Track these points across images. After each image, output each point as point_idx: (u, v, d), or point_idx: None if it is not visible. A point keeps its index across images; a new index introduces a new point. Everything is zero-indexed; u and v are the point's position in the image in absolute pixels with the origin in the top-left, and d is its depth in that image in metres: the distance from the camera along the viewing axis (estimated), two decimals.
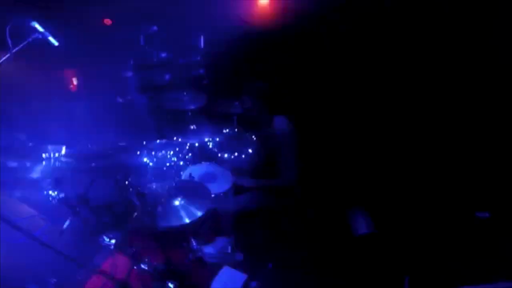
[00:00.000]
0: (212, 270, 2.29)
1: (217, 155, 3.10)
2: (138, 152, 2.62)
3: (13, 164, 1.20)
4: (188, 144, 2.83)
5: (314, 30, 3.67)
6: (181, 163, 2.64)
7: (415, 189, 3.09)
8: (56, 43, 1.55)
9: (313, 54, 4.01)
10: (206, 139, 2.93)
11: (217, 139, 3.28)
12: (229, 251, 2.34)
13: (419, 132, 3.09)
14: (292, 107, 2.29)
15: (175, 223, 1.66)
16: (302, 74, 4.15)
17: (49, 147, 1.36)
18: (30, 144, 1.38)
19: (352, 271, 2.37)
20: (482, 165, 2.35)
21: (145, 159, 2.59)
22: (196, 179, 2.29)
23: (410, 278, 1.79)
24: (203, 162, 2.75)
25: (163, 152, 2.79)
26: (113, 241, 1.59)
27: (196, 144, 3.00)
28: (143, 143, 2.84)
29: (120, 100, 4.72)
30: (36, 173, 1.16)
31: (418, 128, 3.10)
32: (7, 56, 1.40)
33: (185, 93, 3.11)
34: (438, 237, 1.91)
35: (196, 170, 2.49)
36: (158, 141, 2.85)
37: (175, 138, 2.80)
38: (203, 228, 2.33)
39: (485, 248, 1.62)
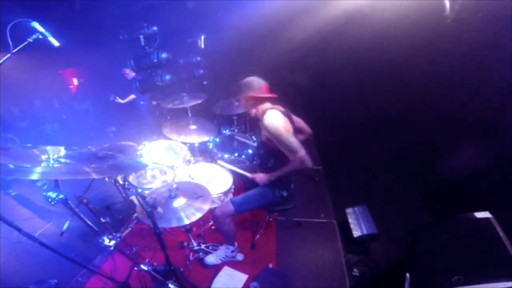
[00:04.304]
0: (213, 270, 2.29)
1: (217, 155, 3.10)
2: (139, 153, 2.62)
3: (12, 165, 1.20)
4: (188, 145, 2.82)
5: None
6: (181, 163, 2.64)
7: (416, 188, 3.09)
8: (56, 43, 1.54)
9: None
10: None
11: (217, 139, 3.29)
12: (230, 254, 2.34)
13: (419, 132, 3.09)
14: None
15: (175, 224, 1.65)
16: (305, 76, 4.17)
17: (48, 148, 1.35)
18: (29, 145, 1.38)
19: (352, 270, 2.37)
20: (482, 165, 2.35)
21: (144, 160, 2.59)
22: (196, 179, 2.29)
23: (411, 277, 1.79)
24: (203, 163, 2.75)
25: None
26: (113, 242, 1.58)
27: (196, 145, 3.00)
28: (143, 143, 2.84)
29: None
30: (35, 175, 1.16)
31: (418, 129, 3.10)
32: (7, 56, 1.39)
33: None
34: (438, 237, 1.91)
35: (196, 171, 2.49)
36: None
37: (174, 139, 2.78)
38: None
39: (485, 248, 1.62)
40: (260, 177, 2.15)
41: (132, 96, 4.72)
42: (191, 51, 4.31)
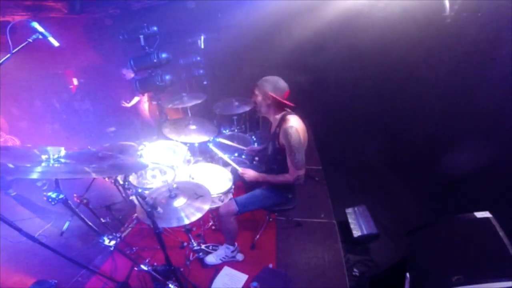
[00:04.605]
0: (213, 270, 2.30)
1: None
2: (139, 153, 2.62)
3: (12, 165, 1.20)
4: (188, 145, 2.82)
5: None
6: (181, 163, 2.64)
7: (416, 188, 3.09)
8: (56, 44, 1.54)
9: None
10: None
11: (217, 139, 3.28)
12: (230, 254, 2.34)
13: (420, 132, 3.09)
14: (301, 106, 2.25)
15: (175, 224, 1.65)
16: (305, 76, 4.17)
17: (48, 148, 1.35)
18: (29, 145, 1.38)
19: (352, 270, 2.37)
20: (482, 164, 2.35)
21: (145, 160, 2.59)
22: (195, 179, 2.29)
23: (411, 277, 1.79)
24: (202, 163, 2.75)
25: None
26: (113, 242, 1.58)
27: (196, 145, 3.00)
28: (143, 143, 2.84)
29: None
30: (35, 174, 1.16)
31: (419, 128, 3.10)
32: (7, 56, 1.39)
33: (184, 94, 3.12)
34: (438, 237, 1.91)
35: (196, 171, 2.49)
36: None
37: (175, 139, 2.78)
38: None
39: (485, 248, 1.62)
40: (250, 174, 2.14)
41: (137, 98, 4.69)
42: (191, 51, 4.31)
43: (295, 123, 1.92)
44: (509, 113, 2.20)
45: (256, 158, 2.81)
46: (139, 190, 2.13)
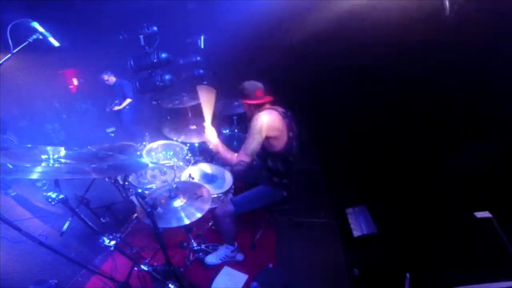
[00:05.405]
0: (213, 270, 2.30)
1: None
2: (139, 153, 2.62)
3: (11, 165, 1.20)
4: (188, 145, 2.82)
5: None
6: (181, 163, 2.64)
7: (416, 188, 3.09)
8: (56, 44, 1.55)
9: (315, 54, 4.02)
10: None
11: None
12: (230, 254, 2.34)
13: (420, 132, 3.09)
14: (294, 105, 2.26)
15: (175, 224, 1.66)
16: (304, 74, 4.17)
17: (48, 148, 1.35)
18: (29, 145, 1.38)
19: (352, 270, 2.37)
20: (483, 165, 2.35)
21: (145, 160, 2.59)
22: (195, 179, 2.29)
23: (411, 277, 1.79)
24: (203, 163, 2.75)
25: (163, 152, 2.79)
26: (113, 242, 1.58)
27: (196, 145, 3.00)
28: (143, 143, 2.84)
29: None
30: (35, 174, 1.16)
31: (419, 128, 3.10)
32: (7, 56, 1.40)
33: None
34: (438, 237, 1.91)
35: (196, 171, 2.49)
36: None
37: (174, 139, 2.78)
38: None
39: (485, 248, 1.62)
40: (210, 138, 2.11)
41: (128, 100, 4.68)
42: (191, 51, 4.31)
43: (262, 115, 1.95)
44: (510, 112, 2.20)
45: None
46: (139, 190, 2.14)
